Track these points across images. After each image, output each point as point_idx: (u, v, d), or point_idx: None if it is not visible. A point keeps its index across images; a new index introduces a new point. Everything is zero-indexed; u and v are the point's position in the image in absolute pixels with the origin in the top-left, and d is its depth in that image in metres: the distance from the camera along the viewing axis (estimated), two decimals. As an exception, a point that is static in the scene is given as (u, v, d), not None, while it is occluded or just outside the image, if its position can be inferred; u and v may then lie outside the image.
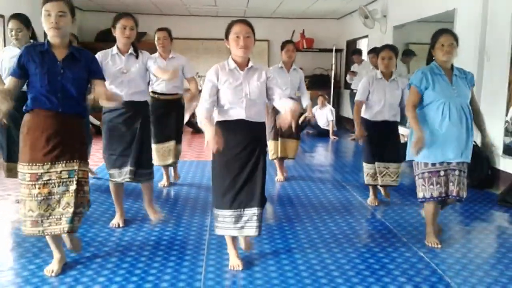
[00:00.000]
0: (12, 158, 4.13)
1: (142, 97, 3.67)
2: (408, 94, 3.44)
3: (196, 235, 3.59)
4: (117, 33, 3.53)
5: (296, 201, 4.61)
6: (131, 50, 3.59)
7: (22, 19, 4.04)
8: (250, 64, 2.91)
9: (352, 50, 9.59)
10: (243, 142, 2.88)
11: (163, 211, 4.14)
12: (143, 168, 3.66)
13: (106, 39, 9.79)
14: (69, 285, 2.73)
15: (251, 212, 2.89)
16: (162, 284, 2.76)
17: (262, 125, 3.00)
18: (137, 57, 3.60)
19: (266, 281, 2.85)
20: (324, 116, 9.08)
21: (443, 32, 3.34)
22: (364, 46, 9.72)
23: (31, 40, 4.13)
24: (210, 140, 2.65)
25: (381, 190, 4.51)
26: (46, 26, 2.68)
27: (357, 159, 7.13)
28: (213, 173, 3.01)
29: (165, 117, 4.75)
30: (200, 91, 3.24)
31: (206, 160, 6.60)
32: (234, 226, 2.92)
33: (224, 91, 2.86)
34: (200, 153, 7.21)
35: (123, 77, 3.54)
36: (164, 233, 3.61)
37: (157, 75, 3.72)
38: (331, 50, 10.31)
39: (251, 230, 2.91)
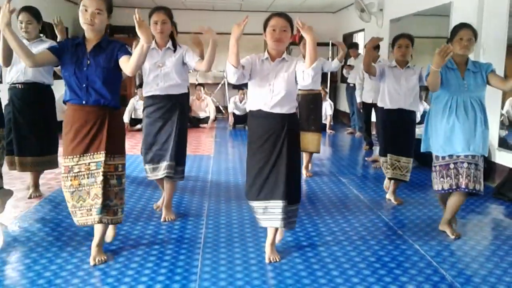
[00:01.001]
0: (24, 152, 4.13)
1: (178, 90, 3.65)
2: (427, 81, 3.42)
3: (192, 229, 3.59)
4: (151, 28, 3.52)
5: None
6: (169, 45, 3.60)
7: (33, 12, 4.03)
8: (282, 56, 2.93)
9: (349, 44, 9.56)
10: (267, 133, 2.90)
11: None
12: (179, 164, 3.68)
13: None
14: (65, 280, 2.73)
15: (275, 205, 2.91)
16: (158, 278, 2.77)
17: (288, 116, 2.93)
18: (174, 51, 3.61)
19: (262, 274, 2.86)
20: (323, 109, 9.06)
21: (463, 26, 3.37)
22: (360, 40, 9.72)
23: (41, 34, 4.12)
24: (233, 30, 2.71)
25: (392, 198, 4.40)
26: (81, 20, 2.73)
27: (354, 153, 7.15)
28: (246, 164, 3.07)
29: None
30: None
31: (202, 154, 6.61)
32: (263, 218, 2.96)
33: (253, 80, 2.91)
34: (196, 147, 7.21)
35: (158, 71, 3.56)
36: (161, 227, 3.62)
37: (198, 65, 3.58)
38: (327, 44, 10.29)
39: (276, 222, 2.93)
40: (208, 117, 9.48)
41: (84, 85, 2.74)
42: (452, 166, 3.37)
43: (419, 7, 6.76)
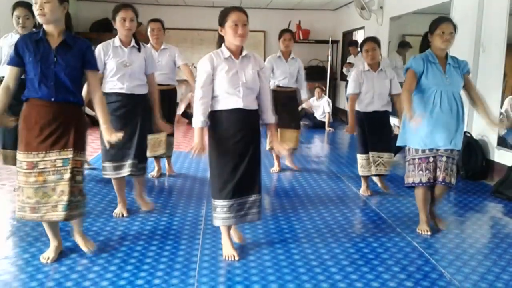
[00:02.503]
0: (6, 145, 4.13)
1: (143, 90, 3.65)
2: (405, 79, 3.44)
3: (191, 225, 3.59)
4: (117, 25, 3.51)
5: (291, 192, 4.62)
6: (133, 43, 3.58)
7: (29, 6, 4.02)
8: (244, 52, 2.91)
9: (348, 42, 9.58)
10: (242, 131, 2.87)
11: (158, 202, 4.14)
12: (142, 161, 3.67)
13: (100, 29, 9.78)
14: (64, 274, 2.73)
15: (253, 199, 2.92)
16: (157, 273, 2.77)
17: (256, 112, 2.99)
18: (139, 49, 3.59)
19: (260, 270, 2.86)
20: (321, 107, 9.08)
21: (444, 20, 3.38)
22: (360, 37, 9.71)
23: (34, 29, 4.11)
24: (196, 145, 2.81)
25: (379, 184, 4.52)
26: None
27: (353, 151, 7.13)
28: (211, 163, 2.98)
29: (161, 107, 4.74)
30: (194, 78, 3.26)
31: (201, 151, 6.59)
32: (236, 215, 2.93)
33: (220, 80, 2.84)
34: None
35: (125, 70, 3.53)
36: (160, 223, 3.62)
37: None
38: (327, 42, 10.29)
39: (254, 216, 2.95)
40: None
41: (52, 82, 2.69)
42: (431, 159, 3.41)
43: (419, 5, 6.75)
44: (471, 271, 2.91)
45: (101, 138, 3.59)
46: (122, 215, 3.73)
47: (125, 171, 3.60)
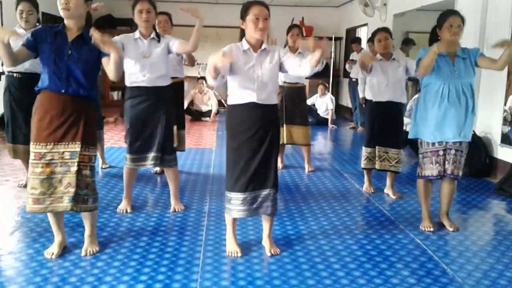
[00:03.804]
0: (16, 139, 4.15)
1: (164, 82, 3.65)
2: (418, 67, 3.43)
3: (194, 221, 3.60)
4: (135, 18, 3.54)
5: (294, 189, 4.62)
6: (153, 35, 3.59)
7: (33, 1, 4.05)
8: (263, 46, 2.89)
9: (352, 39, 9.55)
10: (256, 126, 2.87)
11: (161, 197, 4.15)
12: (167, 153, 3.68)
13: (104, 25, 9.76)
14: (68, 270, 2.74)
15: (266, 193, 2.91)
16: (160, 269, 2.78)
17: (274, 107, 2.95)
18: (159, 41, 3.60)
19: (263, 266, 2.87)
20: (324, 104, 9.06)
21: (452, 13, 3.39)
22: (363, 34, 9.69)
23: (37, 24, 4.13)
24: (217, 57, 2.51)
25: (390, 193, 4.42)
26: (59, 7, 2.72)
27: (356, 148, 7.14)
28: (227, 157, 3.01)
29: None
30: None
31: (204, 148, 6.61)
32: (249, 208, 2.93)
33: (235, 73, 2.85)
34: (198, 140, 7.21)
35: (145, 61, 3.54)
36: (163, 219, 3.63)
37: (182, 49, 3.58)
38: (330, 38, 10.27)
39: (267, 209, 2.94)
40: (210, 111, 9.47)
41: (63, 74, 2.73)
42: (441, 152, 3.43)
43: (422, 2, 6.73)
44: (474, 268, 2.91)
45: (126, 131, 3.66)
46: (126, 211, 3.74)
47: (148, 163, 3.65)
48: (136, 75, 3.55)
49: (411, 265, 2.92)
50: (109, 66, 2.74)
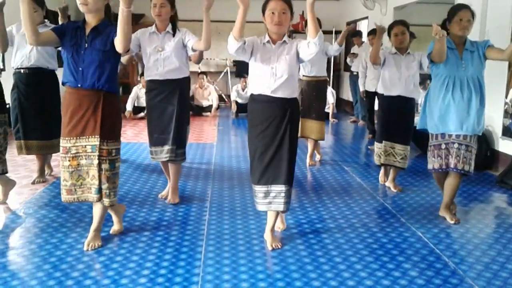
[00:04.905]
0: (29, 135, 4.18)
1: (178, 75, 3.67)
2: (430, 58, 3.44)
3: (196, 215, 3.61)
4: (151, 11, 3.58)
5: (295, 183, 4.60)
6: (168, 28, 3.60)
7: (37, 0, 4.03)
8: (283, 39, 2.90)
9: (352, 32, 9.52)
10: (268, 119, 2.88)
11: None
12: (180, 147, 3.73)
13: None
14: (70, 265, 2.75)
15: (278, 189, 2.92)
16: (162, 264, 2.79)
17: (290, 101, 2.92)
18: (174, 35, 3.61)
19: (265, 260, 2.88)
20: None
21: (462, 7, 3.40)
22: (364, 28, 9.66)
23: (45, 20, 4.14)
24: None
25: (391, 186, 4.40)
26: (77, 2, 2.75)
27: (357, 142, 7.14)
28: (248, 147, 3.07)
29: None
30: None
31: (205, 143, 6.61)
32: (263, 201, 2.97)
33: (254, 63, 2.89)
34: (199, 135, 7.21)
35: (158, 55, 3.58)
36: (165, 213, 3.63)
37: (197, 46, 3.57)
38: (330, 32, 10.24)
39: (279, 206, 2.95)
40: (211, 106, 9.46)
41: (80, 68, 2.77)
42: (443, 146, 3.47)
43: (423, -5, 6.72)
44: (476, 261, 2.91)
45: (147, 124, 3.73)
46: (167, 198, 3.88)
47: (163, 156, 3.70)
48: (151, 69, 3.62)
49: (413, 258, 2.92)
50: (118, 33, 2.69)
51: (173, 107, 3.64)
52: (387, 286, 2.58)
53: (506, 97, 5.01)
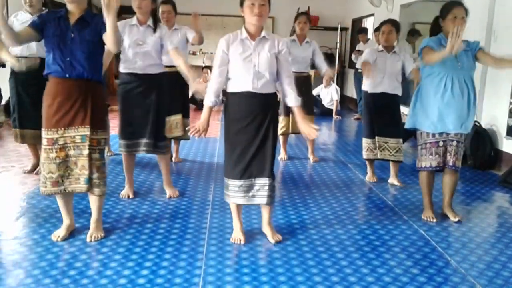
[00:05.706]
0: (24, 124, 4.18)
1: (157, 70, 3.65)
2: (421, 57, 3.42)
3: (198, 209, 3.62)
4: (132, 4, 3.54)
5: (298, 179, 4.63)
6: (149, 22, 3.58)
7: None
8: (262, 34, 2.87)
9: (358, 29, 9.50)
10: (252, 114, 2.87)
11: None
12: (159, 140, 3.69)
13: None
14: (73, 255, 2.76)
15: (262, 182, 2.92)
16: (164, 256, 2.80)
17: (271, 96, 2.94)
18: (154, 30, 3.58)
19: (267, 254, 2.88)
20: (329, 95, 9.04)
21: (456, 4, 3.36)
22: (370, 25, 9.64)
23: (44, 8, 4.13)
24: (199, 124, 2.94)
25: (395, 181, 4.44)
26: None
27: (360, 138, 7.12)
28: (224, 143, 3.04)
29: (170, 90, 4.71)
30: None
31: (208, 137, 6.58)
32: (245, 195, 2.95)
33: (234, 62, 2.86)
34: (203, 129, 7.19)
35: (138, 48, 3.54)
36: (167, 206, 3.64)
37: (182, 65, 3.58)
38: (336, 29, 10.22)
39: (262, 199, 2.94)
40: (214, 100, 9.43)
41: (68, 58, 2.75)
42: (441, 144, 3.44)
43: (430, -7, 6.68)
44: (478, 259, 2.91)
45: (120, 116, 3.66)
46: (128, 197, 3.77)
47: (140, 149, 3.66)
48: (129, 61, 3.56)
49: (415, 256, 2.92)
50: (107, 38, 2.69)
51: (151, 100, 3.59)
52: (389, 283, 2.58)
53: (511, 97, 4.99)
